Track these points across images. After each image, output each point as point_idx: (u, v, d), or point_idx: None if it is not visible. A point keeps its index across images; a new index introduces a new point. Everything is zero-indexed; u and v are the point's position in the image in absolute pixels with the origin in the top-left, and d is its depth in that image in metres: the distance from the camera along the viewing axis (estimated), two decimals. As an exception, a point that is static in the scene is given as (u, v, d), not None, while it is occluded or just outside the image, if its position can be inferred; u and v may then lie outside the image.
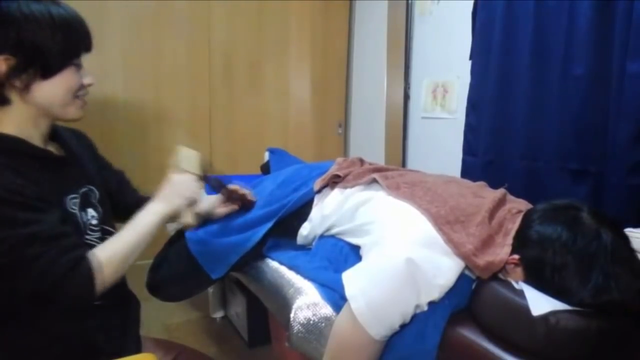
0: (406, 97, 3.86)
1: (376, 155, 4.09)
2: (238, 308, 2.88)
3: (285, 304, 1.63)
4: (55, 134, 1.40)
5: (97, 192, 1.47)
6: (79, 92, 1.32)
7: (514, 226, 1.47)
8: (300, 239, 1.89)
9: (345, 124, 4.66)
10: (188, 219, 1.53)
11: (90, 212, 1.40)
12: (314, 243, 1.87)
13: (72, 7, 1.29)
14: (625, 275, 1.23)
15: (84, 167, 1.48)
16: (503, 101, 2.75)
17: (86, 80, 1.33)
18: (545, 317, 1.22)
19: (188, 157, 1.58)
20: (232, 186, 1.82)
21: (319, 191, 1.87)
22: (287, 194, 1.91)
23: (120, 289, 1.50)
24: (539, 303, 1.26)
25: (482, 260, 1.37)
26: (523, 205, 1.65)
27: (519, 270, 1.39)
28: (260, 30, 4.01)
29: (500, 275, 1.44)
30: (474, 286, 1.46)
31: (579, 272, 1.25)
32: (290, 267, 1.78)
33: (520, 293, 1.31)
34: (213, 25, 3.75)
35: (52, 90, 1.25)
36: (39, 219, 1.16)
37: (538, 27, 2.54)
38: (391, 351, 1.40)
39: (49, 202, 1.22)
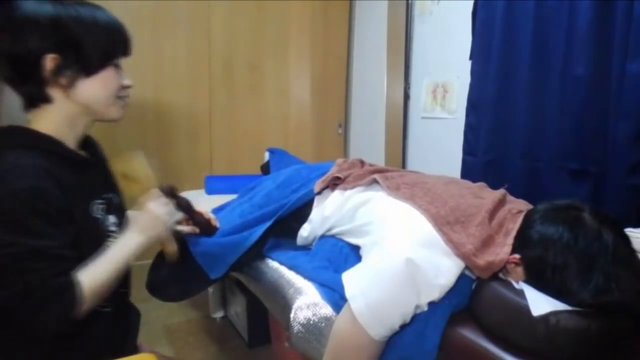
0: (406, 97, 3.87)
1: (376, 155, 4.09)
2: (238, 308, 2.88)
3: (285, 304, 1.63)
4: (85, 138, 1.43)
5: (118, 198, 1.50)
6: (120, 92, 1.36)
7: (514, 226, 1.47)
8: (300, 240, 1.89)
9: (345, 124, 4.65)
10: (168, 248, 1.58)
11: (112, 218, 1.42)
12: (313, 243, 1.87)
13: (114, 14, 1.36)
14: (626, 276, 1.23)
15: (107, 173, 1.52)
16: (503, 101, 2.75)
17: (126, 82, 1.38)
18: (545, 317, 1.22)
19: (140, 165, 1.56)
20: (199, 210, 1.79)
21: (319, 193, 1.87)
22: (286, 195, 1.91)
23: (122, 298, 1.51)
24: (539, 303, 1.25)
25: (482, 260, 1.36)
26: (523, 205, 1.65)
27: (519, 270, 1.39)
28: (260, 30, 4.01)
29: (501, 275, 1.44)
30: (474, 286, 1.46)
31: (580, 272, 1.25)
32: (290, 267, 1.78)
33: (521, 293, 1.31)
34: (213, 26, 3.75)
35: (94, 88, 1.30)
36: (52, 233, 1.18)
37: (538, 27, 2.54)
38: (391, 351, 1.40)
39: (68, 213, 1.23)
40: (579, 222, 1.32)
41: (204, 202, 2.12)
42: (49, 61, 1.21)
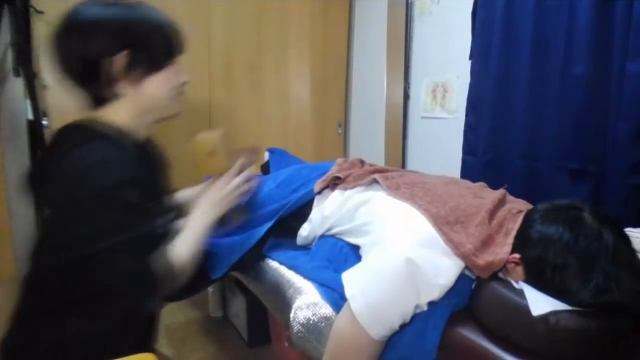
0: (406, 97, 3.86)
1: (376, 155, 4.09)
2: (238, 308, 2.88)
3: (285, 304, 1.63)
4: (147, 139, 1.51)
5: (172, 198, 1.59)
6: (179, 89, 1.44)
7: (515, 226, 1.47)
8: (300, 240, 1.89)
9: (345, 124, 4.65)
10: (236, 220, 1.69)
11: (171, 215, 1.47)
12: (314, 243, 1.86)
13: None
14: (626, 276, 1.23)
15: (167, 173, 1.60)
16: (503, 101, 2.75)
17: (184, 78, 1.46)
18: (545, 317, 1.22)
19: (211, 139, 1.63)
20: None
21: (320, 193, 1.87)
22: (286, 195, 1.91)
23: None
24: (539, 303, 1.25)
25: (482, 260, 1.36)
26: (523, 205, 1.65)
27: (519, 270, 1.39)
28: (260, 30, 4.00)
29: (501, 275, 1.44)
30: (474, 286, 1.46)
31: (580, 272, 1.25)
32: (290, 267, 1.78)
33: (521, 293, 1.31)
34: (213, 26, 3.75)
35: (159, 85, 1.37)
36: (151, 217, 1.27)
37: (538, 27, 2.54)
38: (391, 351, 1.40)
39: (159, 200, 1.34)
40: (579, 222, 1.32)
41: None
42: (120, 59, 1.27)
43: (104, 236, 1.16)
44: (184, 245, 1.37)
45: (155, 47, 1.33)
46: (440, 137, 3.56)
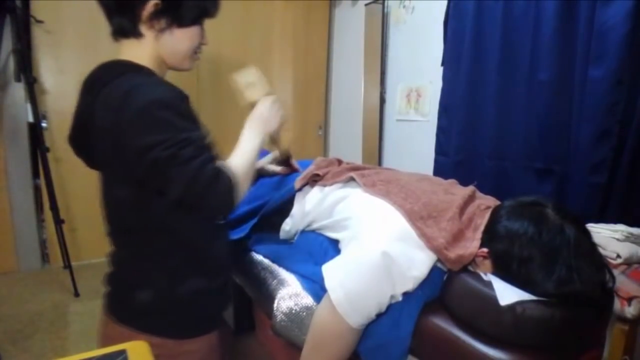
0: (382, 100, 3.87)
1: (354, 155, 4.10)
2: (224, 298, 2.87)
3: (269, 295, 1.62)
4: None
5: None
6: (197, 49, 1.40)
7: (483, 221, 1.47)
8: (282, 234, 1.88)
9: (325, 126, 4.66)
10: (282, 144, 1.75)
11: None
12: (295, 237, 1.86)
13: None
14: (587, 268, 1.23)
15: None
16: (472, 105, 2.77)
17: (205, 40, 1.41)
18: (512, 307, 1.22)
19: (253, 78, 1.61)
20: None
21: (300, 189, 1.86)
22: (269, 192, 1.90)
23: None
24: (506, 293, 1.26)
25: (453, 253, 1.36)
26: (491, 201, 1.65)
27: (487, 263, 1.39)
28: (245, 37, 4.00)
29: (470, 268, 1.44)
30: (445, 278, 1.46)
31: (543, 264, 1.25)
32: (274, 260, 1.77)
33: (489, 284, 1.31)
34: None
35: (181, 40, 1.33)
36: (193, 128, 1.21)
37: (505, 36, 2.56)
38: (368, 338, 1.40)
39: (194, 118, 1.27)
40: (542, 218, 1.32)
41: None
42: (150, 5, 1.23)
43: (165, 139, 1.12)
44: (239, 160, 1.34)
45: (187, 6, 1.29)
46: (414, 138, 3.57)
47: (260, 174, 1.92)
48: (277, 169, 1.96)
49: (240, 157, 1.35)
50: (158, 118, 1.14)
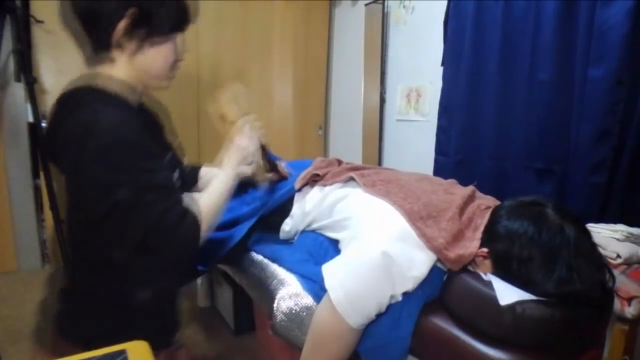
0: (382, 100, 3.87)
1: (354, 155, 4.09)
2: (225, 298, 2.86)
3: (269, 295, 1.62)
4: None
5: (175, 155, 1.50)
6: (173, 65, 1.36)
7: (482, 221, 1.47)
8: (282, 234, 1.88)
9: (325, 126, 4.65)
10: (259, 178, 1.72)
11: (175, 174, 1.41)
12: (295, 237, 1.86)
13: None
14: (587, 268, 1.23)
15: (164, 133, 1.53)
16: (472, 105, 2.77)
17: (181, 56, 1.38)
18: (512, 307, 1.22)
19: (238, 96, 1.59)
20: (279, 163, 1.91)
21: (300, 189, 1.86)
22: (269, 192, 1.90)
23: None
24: (506, 293, 1.25)
25: (453, 253, 1.36)
26: (491, 201, 1.65)
27: (487, 263, 1.39)
28: (245, 38, 3.99)
29: (470, 268, 1.44)
30: (445, 277, 1.46)
31: (543, 264, 1.25)
32: (274, 260, 1.77)
33: (489, 284, 1.31)
34: (201, 33, 3.74)
35: (154, 59, 1.29)
36: (156, 168, 1.19)
37: (505, 36, 2.55)
38: (368, 338, 1.40)
39: (159, 154, 1.25)
40: (542, 217, 1.32)
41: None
42: (121, 25, 1.20)
43: (126, 181, 1.10)
44: (209, 200, 1.32)
45: (159, 19, 1.25)
46: (414, 139, 3.57)
47: (249, 183, 1.90)
48: (267, 175, 1.90)
49: (209, 198, 1.34)
50: (120, 160, 1.12)
